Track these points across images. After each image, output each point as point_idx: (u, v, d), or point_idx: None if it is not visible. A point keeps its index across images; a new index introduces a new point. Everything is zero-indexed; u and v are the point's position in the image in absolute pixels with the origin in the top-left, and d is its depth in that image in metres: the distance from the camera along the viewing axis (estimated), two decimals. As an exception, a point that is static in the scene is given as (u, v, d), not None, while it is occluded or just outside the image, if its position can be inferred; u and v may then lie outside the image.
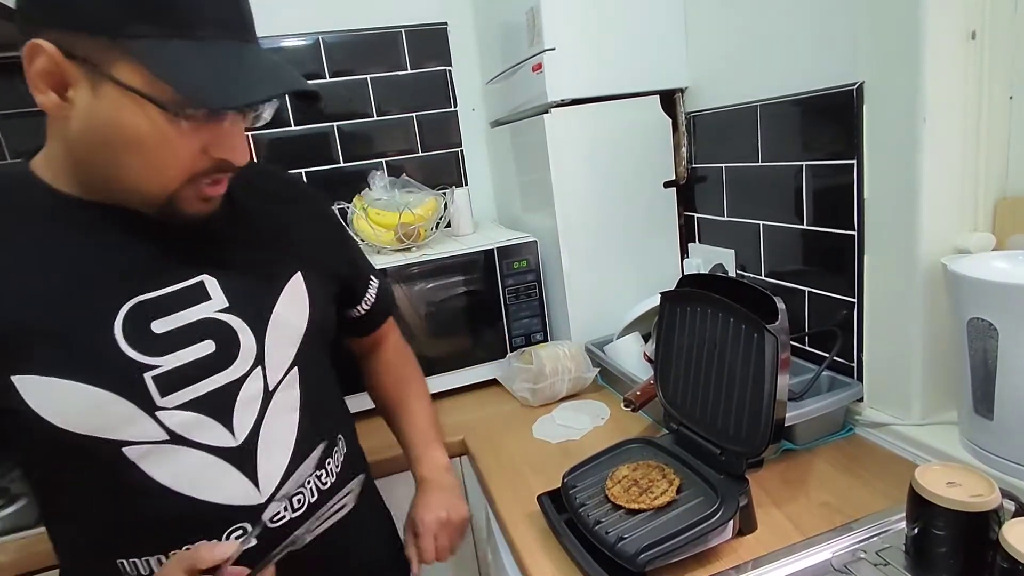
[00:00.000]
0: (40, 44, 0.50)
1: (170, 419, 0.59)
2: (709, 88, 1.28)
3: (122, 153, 0.53)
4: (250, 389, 0.64)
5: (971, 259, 0.81)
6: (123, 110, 0.51)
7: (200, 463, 0.61)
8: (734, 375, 0.79)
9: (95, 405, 0.55)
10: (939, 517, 0.65)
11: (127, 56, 0.50)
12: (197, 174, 0.57)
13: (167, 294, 0.60)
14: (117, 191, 0.57)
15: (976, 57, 0.84)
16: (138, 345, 0.58)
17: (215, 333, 0.62)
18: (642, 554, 0.68)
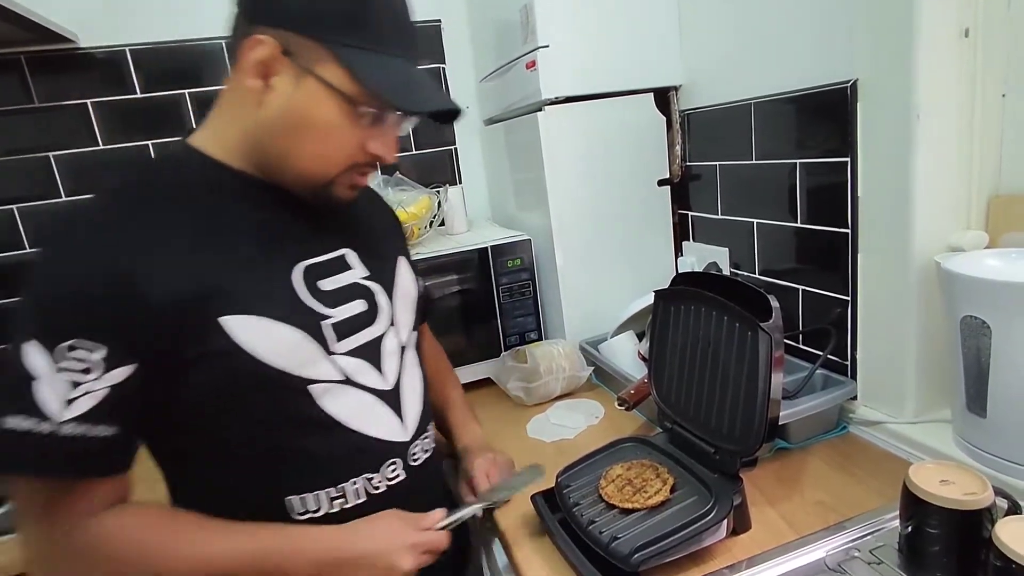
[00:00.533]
0: (262, 38, 0.59)
1: (344, 363, 0.69)
2: (703, 86, 1.28)
3: (303, 138, 0.63)
4: (390, 343, 0.75)
5: (964, 257, 0.81)
6: (317, 102, 0.61)
7: (365, 402, 0.71)
8: (728, 374, 0.79)
9: (291, 342, 0.64)
10: (932, 515, 0.65)
11: (333, 59, 0.60)
12: (354, 165, 0.67)
13: (323, 261, 0.70)
14: (285, 171, 0.66)
15: (969, 55, 0.84)
16: (316, 297, 0.68)
17: (364, 295, 0.73)
18: (636, 554, 0.68)
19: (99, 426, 0.56)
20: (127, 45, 1.43)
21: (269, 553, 0.63)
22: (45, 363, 0.54)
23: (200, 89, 1.50)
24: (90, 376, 0.55)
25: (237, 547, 0.63)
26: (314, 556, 0.65)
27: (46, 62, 1.39)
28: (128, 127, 1.47)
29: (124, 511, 0.61)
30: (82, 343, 0.55)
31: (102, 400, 0.56)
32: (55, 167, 1.43)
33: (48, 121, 1.42)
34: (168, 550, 0.60)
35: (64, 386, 0.54)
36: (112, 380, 0.56)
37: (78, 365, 0.55)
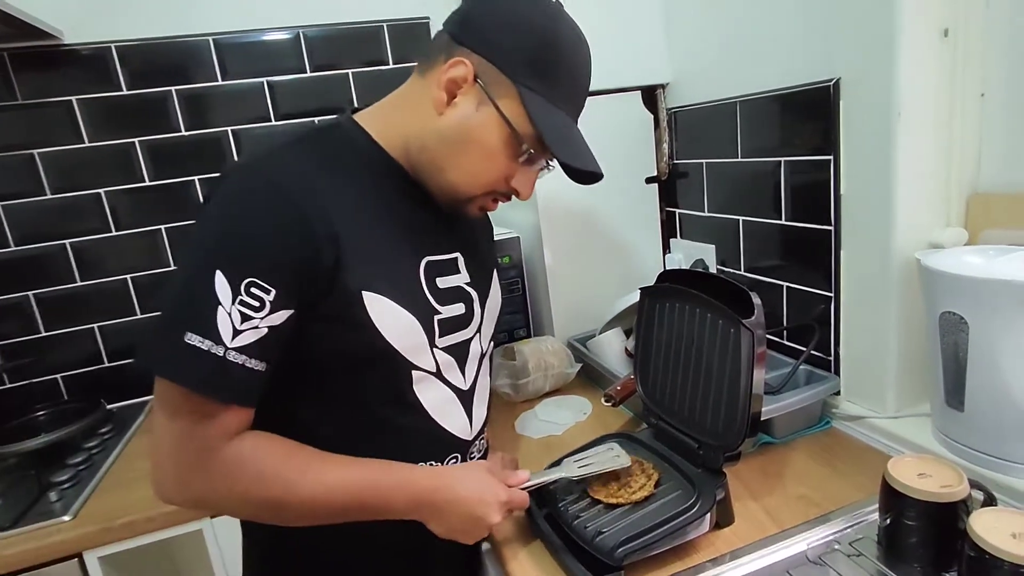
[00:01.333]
0: (465, 61, 0.66)
1: (439, 356, 0.74)
2: (690, 84, 1.29)
3: (465, 154, 0.69)
4: (475, 348, 0.80)
5: (944, 254, 0.82)
6: (489, 129, 0.67)
7: (446, 397, 0.76)
8: (711, 370, 0.80)
9: (409, 327, 0.69)
10: (910, 508, 0.66)
11: (516, 96, 0.66)
12: (494, 191, 0.73)
13: (442, 260, 0.76)
14: (435, 175, 0.71)
15: (949, 54, 0.85)
16: (432, 292, 0.73)
17: (465, 299, 0.77)
18: (620, 548, 0.69)
19: (253, 360, 0.61)
20: (113, 42, 1.42)
21: (378, 486, 0.68)
22: (229, 295, 0.59)
23: (187, 86, 1.49)
24: (258, 314, 0.61)
25: (353, 477, 0.67)
26: (414, 493, 0.69)
27: (30, 59, 1.38)
28: (114, 124, 1.46)
29: (259, 437, 0.65)
30: (258, 283, 0.60)
31: (262, 337, 0.61)
32: (40, 165, 1.42)
33: (33, 118, 1.41)
34: (296, 474, 0.65)
35: (237, 318, 0.60)
36: (272, 322, 0.62)
37: (252, 302, 0.60)
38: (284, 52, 1.54)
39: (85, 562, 1.05)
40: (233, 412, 0.63)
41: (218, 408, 0.62)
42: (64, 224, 1.46)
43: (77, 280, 1.49)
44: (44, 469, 1.20)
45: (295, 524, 0.69)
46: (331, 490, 0.66)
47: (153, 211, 1.51)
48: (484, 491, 0.71)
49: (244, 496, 0.64)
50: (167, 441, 0.63)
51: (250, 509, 0.67)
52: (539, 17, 0.67)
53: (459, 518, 0.70)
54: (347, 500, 0.66)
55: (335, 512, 0.67)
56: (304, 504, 0.65)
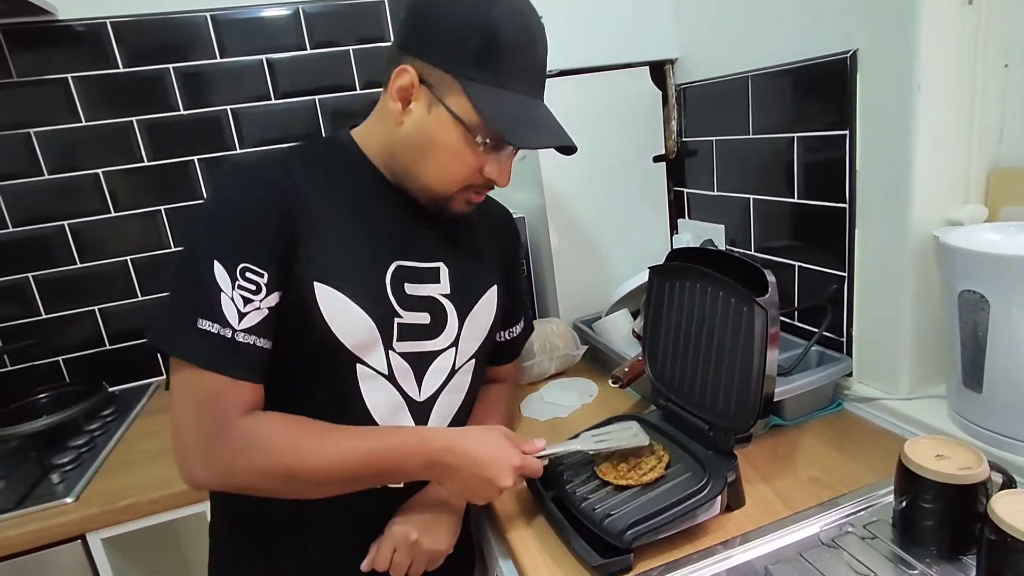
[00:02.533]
0: (407, 68, 0.69)
1: (393, 360, 0.75)
2: (700, 59, 1.25)
3: (430, 156, 0.72)
4: (443, 361, 0.80)
5: (963, 231, 0.80)
6: (443, 128, 0.70)
7: (394, 403, 0.76)
8: (723, 350, 0.78)
9: (360, 324, 0.72)
10: (927, 490, 0.64)
11: (461, 91, 0.68)
12: (471, 185, 0.75)
13: (416, 267, 0.77)
14: (411, 180, 0.75)
15: (972, 24, 0.82)
16: (396, 296, 0.75)
17: (433, 309, 0.79)
18: (629, 530, 0.67)
19: (261, 339, 0.67)
20: (108, 17, 1.39)
21: (393, 448, 0.70)
22: (228, 281, 0.65)
23: (184, 64, 1.46)
24: (257, 296, 0.66)
25: (365, 442, 0.69)
26: (429, 453, 0.71)
27: (24, 35, 1.35)
28: (111, 103, 1.43)
29: (272, 413, 0.69)
30: (252, 268, 0.66)
31: (264, 318, 0.67)
32: (36, 144, 1.40)
33: (28, 96, 1.38)
34: (308, 443, 0.67)
35: (240, 302, 0.65)
36: (270, 303, 0.67)
37: (250, 286, 0.66)
38: (283, 29, 1.51)
39: (88, 544, 1.04)
40: (246, 388, 0.67)
41: (232, 385, 0.66)
42: (62, 205, 1.44)
43: (77, 262, 1.47)
44: (46, 451, 1.19)
45: (312, 494, 0.70)
46: (343, 456, 0.68)
47: (152, 191, 1.49)
48: (498, 454, 0.72)
49: (261, 467, 0.66)
50: (189, 421, 0.66)
51: (267, 480, 0.67)
52: (467, 8, 0.67)
53: (471, 478, 0.71)
54: (361, 465, 0.68)
55: (349, 477, 0.69)
56: (317, 471, 0.67)
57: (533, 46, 0.72)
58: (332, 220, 0.72)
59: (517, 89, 0.70)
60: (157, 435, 1.26)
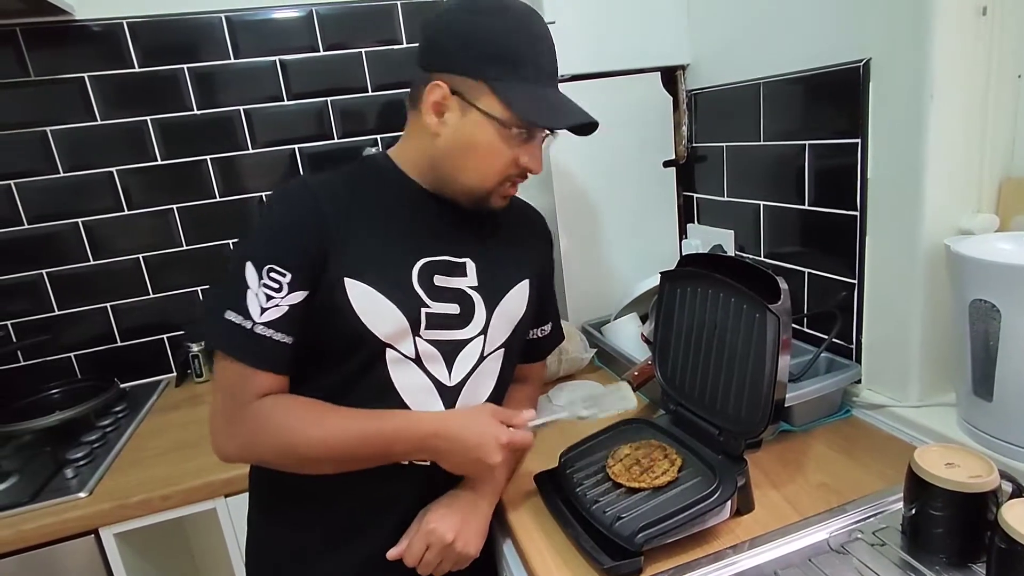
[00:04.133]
0: (439, 83, 0.75)
1: (421, 345, 0.80)
2: (711, 65, 1.26)
3: (469, 158, 0.78)
4: (471, 349, 0.84)
5: (974, 240, 0.80)
6: (480, 129, 0.76)
7: (424, 386, 0.81)
8: (734, 356, 0.78)
9: (389, 314, 0.77)
10: (937, 498, 0.65)
11: (490, 93, 0.74)
12: (508, 177, 0.80)
13: (443, 261, 0.82)
14: (454, 185, 0.81)
15: (986, 33, 0.83)
16: (424, 288, 0.80)
17: (463, 300, 0.83)
18: (639, 534, 0.68)
19: (279, 333, 0.73)
20: (124, 18, 1.41)
21: (384, 431, 0.75)
22: (256, 279, 0.73)
23: (199, 64, 1.47)
24: (278, 294, 0.73)
25: (357, 425, 0.75)
26: (417, 436, 0.76)
27: (42, 34, 1.37)
28: (126, 102, 1.44)
29: (281, 396, 0.76)
30: (276, 268, 0.73)
31: (283, 314, 0.73)
32: (52, 142, 1.42)
33: (45, 95, 1.40)
34: (307, 423, 0.74)
35: (262, 298, 0.73)
36: (292, 300, 0.74)
37: (273, 284, 0.73)
38: (296, 30, 1.52)
39: (101, 538, 1.06)
40: (264, 376, 0.74)
41: (252, 372, 0.73)
42: (76, 202, 1.46)
43: (90, 259, 1.49)
44: (59, 446, 1.21)
45: (313, 470, 0.77)
46: (336, 436, 0.74)
47: (165, 190, 1.51)
48: (483, 433, 0.75)
49: (268, 444, 0.74)
50: (218, 399, 0.76)
51: (273, 455, 0.76)
52: (482, 22, 0.74)
53: (462, 459, 0.76)
54: (353, 445, 0.74)
55: (342, 456, 0.75)
56: (312, 448, 0.74)
57: (543, 41, 0.78)
58: (366, 228, 0.79)
59: (537, 81, 0.76)
60: (168, 432, 1.27)
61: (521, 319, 0.90)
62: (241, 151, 1.54)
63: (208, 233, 1.56)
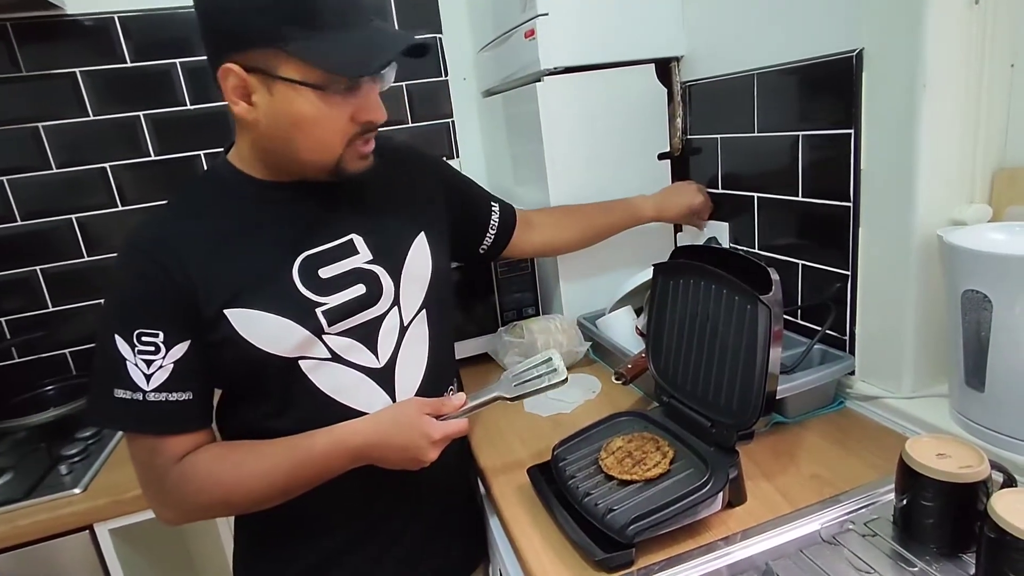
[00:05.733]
0: (229, 67, 0.67)
1: (333, 342, 0.76)
2: (706, 57, 1.25)
3: (297, 134, 0.70)
4: (390, 323, 0.81)
5: (967, 231, 0.80)
6: (292, 100, 0.68)
7: (353, 379, 0.78)
8: (726, 347, 0.78)
9: (282, 330, 0.73)
10: (928, 488, 0.65)
11: (287, 57, 0.66)
12: (352, 137, 0.73)
13: (326, 249, 0.77)
14: (296, 167, 0.74)
15: (979, 23, 0.82)
16: (311, 287, 0.75)
17: (365, 279, 0.79)
18: (631, 525, 0.68)
19: (175, 393, 0.70)
20: (116, 12, 1.40)
21: (315, 458, 0.73)
22: (129, 349, 0.69)
23: (192, 59, 1.46)
24: (157, 355, 0.70)
25: (288, 461, 0.73)
26: (347, 452, 0.74)
27: (33, 29, 1.36)
28: (118, 97, 1.44)
29: (197, 453, 0.73)
30: (145, 332, 0.69)
31: (171, 373, 0.70)
32: (45, 138, 1.41)
33: (37, 91, 1.39)
34: (234, 474, 0.72)
35: (144, 365, 0.69)
36: (174, 356, 0.70)
37: (149, 348, 0.69)
38: (290, 24, 1.51)
39: (96, 534, 1.06)
40: (175, 440, 0.72)
41: (160, 441, 0.71)
42: (70, 198, 1.45)
43: (84, 255, 1.49)
44: (53, 443, 1.21)
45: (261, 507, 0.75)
46: (268, 477, 0.72)
47: (159, 185, 1.50)
48: (412, 435, 0.73)
49: (202, 504, 0.73)
50: (140, 477, 0.74)
51: (212, 512, 0.77)
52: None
53: (398, 461, 0.75)
54: (289, 479, 0.73)
55: (282, 491, 0.73)
56: (249, 497, 0.73)
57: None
58: (226, 250, 0.73)
59: (342, 26, 0.67)
60: (163, 428, 1.27)
61: (432, 276, 0.86)
62: (235, 146, 1.53)
63: (202, 229, 1.55)
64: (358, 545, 0.82)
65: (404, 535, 0.85)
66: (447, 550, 0.90)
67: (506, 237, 1.08)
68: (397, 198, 0.86)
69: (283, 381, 0.75)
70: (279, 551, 0.83)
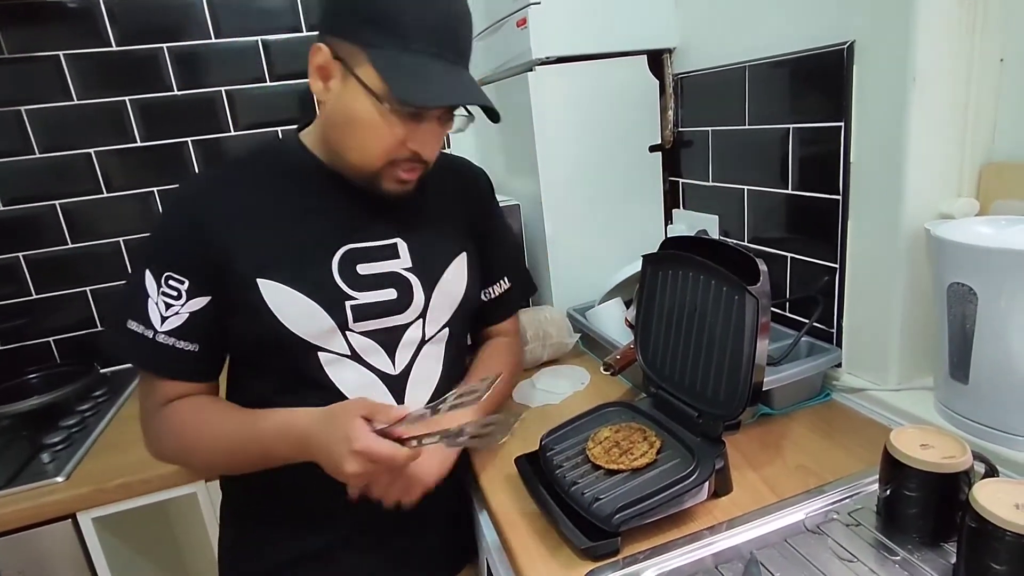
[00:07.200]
0: (320, 46, 0.70)
1: (354, 340, 0.77)
2: (698, 48, 1.25)
3: (348, 131, 0.72)
4: (412, 334, 0.81)
5: (954, 224, 0.80)
6: (356, 98, 0.69)
7: (368, 380, 0.78)
8: (714, 338, 0.78)
9: (310, 314, 0.74)
10: (911, 478, 0.65)
11: (367, 60, 0.67)
12: (395, 159, 0.73)
13: (370, 247, 0.78)
14: (341, 160, 0.75)
15: (969, 17, 0.82)
16: (346, 280, 0.76)
17: (398, 284, 0.79)
18: (617, 514, 0.68)
19: (182, 341, 0.73)
20: (101, -5, 1.37)
21: (261, 438, 0.73)
22: (155, 287, 0.72)
23: (178, 43, 1.44)
24: (177, 302, 0.72)
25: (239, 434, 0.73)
26: (295, 436, 0.71)
27: (16, 11, 1.34)
28: (104, 82, 1.42)
29: (181, 402, 0.76)
30: (173, 276, 0.72)
31: (184, 322, 0.73)
32: (27, 122, 1.38)
33: (19, 74, 1.37)
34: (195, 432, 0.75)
35: (163, 306, 0.72)
36: (192, 308, 0.73)
37: (172, 292, 0.72)
38: (279, 10, 1.49)
39: (79, 522, 1.05)
40: (171, 384, 0.75)
41: (157, 380, 0.75)
42: (54, 184, 1.43)
43: (68, 242, 1.47)
44: (36, 431, 1.19)
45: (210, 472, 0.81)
46: (219, 445, 0.74)
47: (146, 172, 1.48)
48: (334, 436, 0.65)
49: (168, 450, 0.77)
50: (140, 407, 0.78)
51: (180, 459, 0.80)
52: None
53: (325, 463, 0.67)
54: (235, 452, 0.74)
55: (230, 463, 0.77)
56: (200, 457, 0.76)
57: (445, 8, 0.69)
58: (275, 221, 0.75)
59: (424, 51, 0.68)
60: (149, 416, 1.26)
61: (464, 296, 0.86)
62: (223, 133, 1.52)
63: (190, 216, 1.53)
64: (346, 536, 0.81)
65: (392, 529, 0.84)
66: (436, 543, 0.90)
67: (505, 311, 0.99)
68: (448, 214, 0.87)
69: (298, 366, 0.76)
70: (264, 543, 0.83)
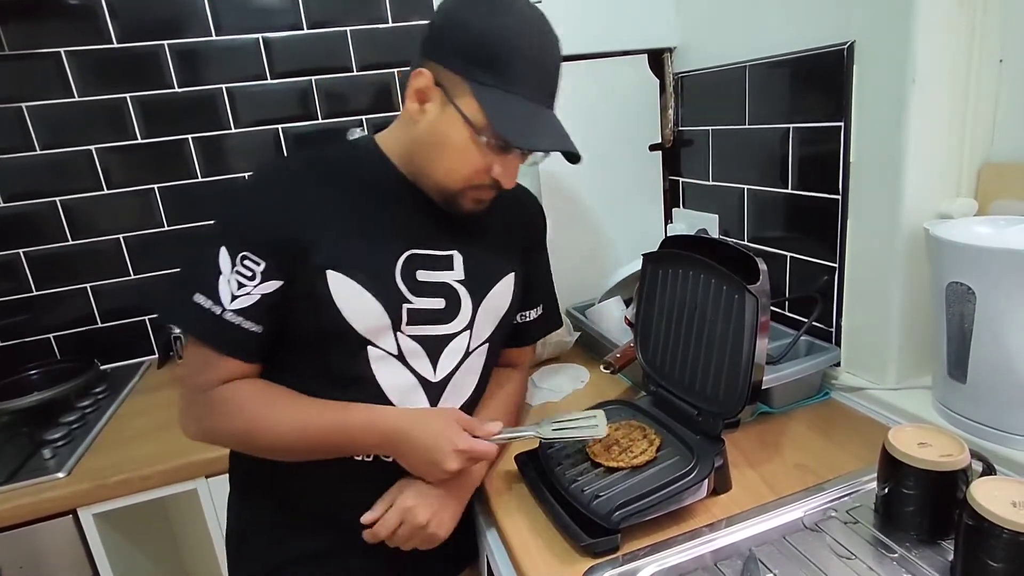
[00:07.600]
0: (423, 71, 0.73)
1: (403, 342, 0.79)
2: (698, 48, 1.25)
3: (439, 152, 0.76)
4: (458, 344, 0.84)
5: (952, 224, 0.81)
6: (453, 127, 0.74)
7: (409, 383, 0.80)
8: (713, 337, 0.79)
9: (369, 310, 0.76)
10: (909, 476, 0.66)
11: (471, 93, 0.72)
12: (477, 184, 0.78)
13: (430, 255, 0.81)
14: (425, 177, 0.79)
15: (968, 18, 0.83)
16: (406, 283, 0.79)
17: (449, 295, 0.82)
18: (617, 511, 0.69)
19: (249, 322, 0.73)
20: (102, -9, 1.37)
21: (346, 426, 0.75)
22: (228, 265, 0.73)
23: (179, 40, 1.44)
24: (251, 282, 0.73)
25: (321, 420, 0.75)
26: (380, 432, 0.75)
27: (16, 7, 1.33)
28: (105, 79, 1.41)
29: (246, 382, 0.76)
30: (250, 256, 0.73)
31: (255, 303, 0.73)
32: (28, 119, 1.38)
33: (20, 70, 1.36)
34: (269, 414, 0.75)
35: (234, 284, 0.72)
36: (264, 290, 0.73)
37: (247, 272, 0.73)
38: (280, 7, 1.49)
39: (80, 518, 1.05)
40: (230, 363, 0.74)
41: (218, 358, 0.74)
42: (54, 181, 1.43)
43: (69, 239, 1.47)
44: (37, 427, 1.19)
45: (274, 457, 0.78)
46: (295, 429, 0.74)
47: (146, 169, 1.48)
48: (439, 439, 0.74)
49: (224, 428, 0.75)
50: (185, 378, 0.77)
51: (230, 440, 0.78)
52: (485, 15, 0.71)
53: (418, 460, 0.76)
54: (313, 439, 0.75)
55: (302, 449, 0.76)
56: (268, 438, 0.75)
57: (543, 54, 0.75)
58: (350, 217, 0.78)
59: (524, 95, 0.73)
60: (149, 413, 1.26)
61: (506, 313, 0.89)
62: (223, 130, 1.52)
63: (190, 214, 1.54)
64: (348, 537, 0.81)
65: None
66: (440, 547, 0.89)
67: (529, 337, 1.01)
68: (502, 233, 0.90)
69: (348, 357, 0.77)
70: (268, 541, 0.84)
